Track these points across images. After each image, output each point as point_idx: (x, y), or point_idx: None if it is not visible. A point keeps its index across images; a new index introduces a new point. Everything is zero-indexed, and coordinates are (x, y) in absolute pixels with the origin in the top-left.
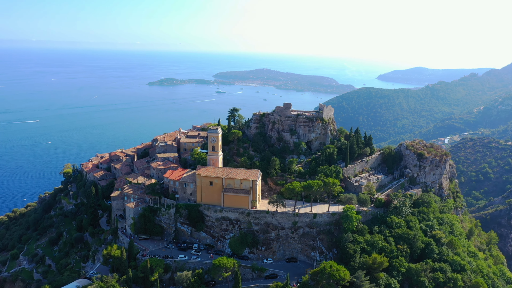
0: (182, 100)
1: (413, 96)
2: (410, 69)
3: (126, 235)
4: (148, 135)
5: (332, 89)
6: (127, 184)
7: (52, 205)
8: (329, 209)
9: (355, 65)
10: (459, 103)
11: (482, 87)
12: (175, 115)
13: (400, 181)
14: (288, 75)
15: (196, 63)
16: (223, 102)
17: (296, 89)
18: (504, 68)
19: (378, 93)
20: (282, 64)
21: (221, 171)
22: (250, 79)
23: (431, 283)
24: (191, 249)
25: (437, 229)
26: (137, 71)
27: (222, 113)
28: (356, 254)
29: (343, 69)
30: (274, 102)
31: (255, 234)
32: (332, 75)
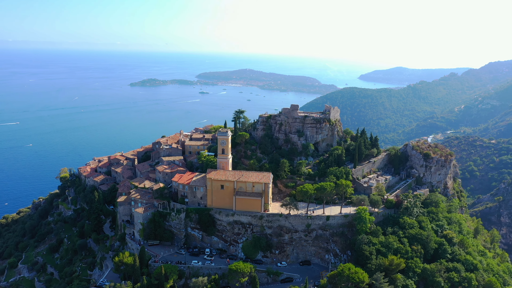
0: (165, 101)
1: (396, 96)
2: (391, 69)
3: (134, 241)
4: (136, 137)
5: (315, 89)
6: (133, 189)
7: (49, 211)
8: (341, 211)
9: (336, 65)
10: (440, 102)
11: (462, 87)
12: (158, 116)
13: (407, 181)
14: (271, 75)
15: (178, 63)
16: (207, 102)
17: (280, 89)
18: (482, 68)
19: (362, 93)
20: (265, 65)
21: (232, 174)
22: (233, 79)
23: (446, 283)
24: (203, 254)
25: (447, 229)
26: (118, 71)
27: (207, 114)
28: (372, 256)
29: (325, 69)
30: (258, 103)
31: (268, 237)
32: (315, 75)
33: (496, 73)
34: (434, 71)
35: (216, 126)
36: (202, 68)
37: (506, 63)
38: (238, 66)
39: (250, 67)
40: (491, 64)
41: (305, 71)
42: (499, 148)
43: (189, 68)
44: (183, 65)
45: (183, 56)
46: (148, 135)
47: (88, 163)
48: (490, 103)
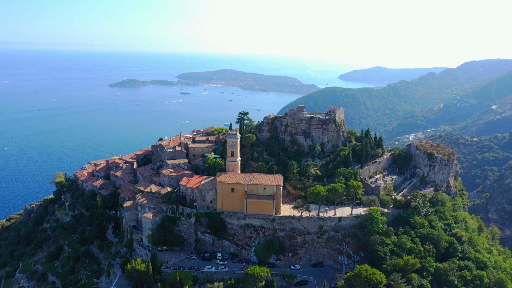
0: (145, 101)
1: (376, 95)
2: (370, 68)
3: (143, 247)
4: (121, 139)
5: (296, 88)
6: (139, 193)
7: (44, 217)
8: (352, 212)
9: (316, 65)
10: (419, 101)
11: (440, 86)
12: (139, 117)
13: (412, 181)
14: (252, 75)
15: (158, 63)
16: (189, 103)
17: (261, 89)
18: (459, 67)
19: (343, 93)
20: (245, 65)
21: (242, 177)
22: (214, 79)
23: (460, 282)
24: (215, 258)
25: (455, 228)
26: (97, 72)
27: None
28: (387, 257)
29: (305, 69)
30: (240, 103)
31: (280, 240)
32: (295, 75)
33: (472, 72)
34: (412, 71)
35: (218, 128)
36: (182, 69)
37: (481, 63)
38: (218, 66)
39: (230, 67)
40: (467, 63)
41: (286, 71)
42: (481, 145)
43: (169, 68)
44: (163, 66)
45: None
46: (133, 137)
47: (84, 167)
48: (468, 101)
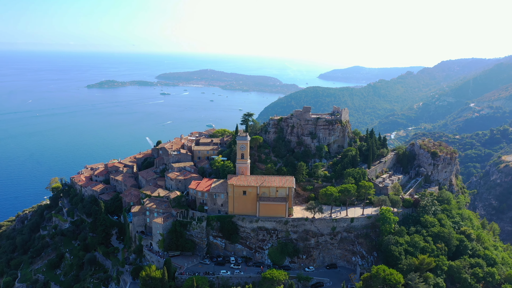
0: (125, 102)
1: (357, 94)
2: (349, 68)
3: (154, 253)
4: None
5: (277, 88)
6: (146, 198)
7: (40, 224)
8: (363, 212)
9: (296, 65)
10: (398, 100)
11: (418, 84)
12: (120, 119)
13: (417, 180)
14: (233, 75)
15: (137, 64)
16: (170, 104)
17: (242, 89)
18: (436, 66)
19: (325, 92)
20: (225, 65)
21: (254, 180)
22: (194, 80)
23: (472, 279)
24: (228, 263)
25: (463, 225)
26: (74, 73)
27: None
28: (402, 256)
29: (285, 69)
30: (221, 103)
31: (293, 242)
32: (275, 74)
33: (449, 71)
34: (390, 70)
35: (220, 129)
36: (162, 69)
37: (457, 62)
38: (198, 66)
39: (211, 67)
40: (444, 62)
41: (266, 71)
42: (464, 143)
43: (148, 68)
44: (142, 66)
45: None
46: (115, 139)
47: (81, 172)
48: (446, 100)
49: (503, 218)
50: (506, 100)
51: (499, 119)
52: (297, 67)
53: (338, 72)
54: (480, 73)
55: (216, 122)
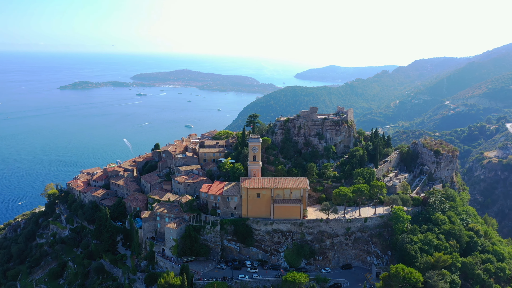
0: (100, 104)
1: (335, 93)
2: (325, 67)
3: (167, 259)
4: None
5: (254, 88)
6: (156, 203)
7: (36, 232)
8: (376, 211)
9: (272, 65)
10: (375, 98)
11: (393, 83)
12: (95, 121)
13: (422, 178)
14: (210, 75)
15: (111, 64)
16: (147, 105)
17: (219, 89)
18: (409, 65)
19: (303, 91)
20: (202, 65)
21: (268, 182)
22: (170, 80)
23: (485, 275)
24: (244, 267)
25: (471, 222)
26: (45, 74)
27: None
28: (417, 254)
29: (261, 69)
30: (199, 103)
31: (308, 244)
32: (252, 74)
33: (422, 70)
34: (365, 69)
35: (222, 131)
36: (137, 69)
37: (430, 61)
38: (174, 66)
39: (187, 67)
40: (417, 61)
41: (243, 71)
42: (443, 140)
43: (123, 69)
44: (116, 66)
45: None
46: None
47: (77, 177)
48: (422, 98)
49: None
50: (480, 97)
51: (473, 116)
52: (273, 67)
53: (315, 72)
54: (453, 71)
55: (195, 123)
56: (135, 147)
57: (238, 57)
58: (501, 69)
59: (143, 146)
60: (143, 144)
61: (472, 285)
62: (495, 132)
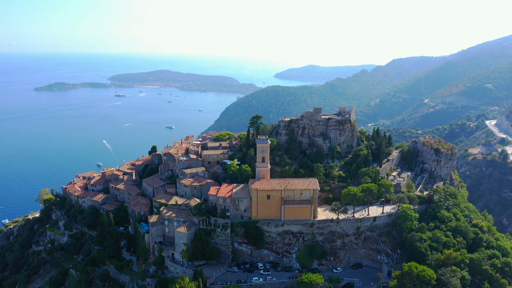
0: (78, 105)
1: (316, 93)
2: (304, 67)
3: (178, 264)
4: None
5: (235, 88)
6: (163, 207)
7: (31, 239)
8: (383, 210)
9: (251, 65)
10: (355, 97)
11: (373, 82)
12: (73, 123)
13: (423, 176)
14: (189, 75)
15: (87, 65)
16: (126, 106)
17: (199, 89)
18: (388, 64)
19: (284, 91)
20: (181, 65)
21: (278, 183)
22: (150, 81)
23: (493, 270)
24: (256, 269)
25: (474, 218)
26: (18, 75)
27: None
28: (428, 252)
29: (241, 69)
30: (180, 104)
31: (319, 244)
32: (232, 74)
33: (400, 69)
34: (343, 68)
35: (223, 132)
36: (115, 70)
37: (407, 60)
38: (153, 67)
39: (166, 67)
40: (395, 61)
41: (222, 71)
42: None
43: (100, 70)
44: (93, 67)
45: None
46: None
47: (73, 181)
48: (401, 96)
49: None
50: (458, 96)
51: (452, 114)
52: (253, 67)
53: (294, 71)
54: (431, 70)
55: (176, 124)
56: (116, 149)
57: (218, 57)
58: (476, 68)
59: (124, 148)
60: (124, 146)
61: (480, 280)
62: (475, 129)
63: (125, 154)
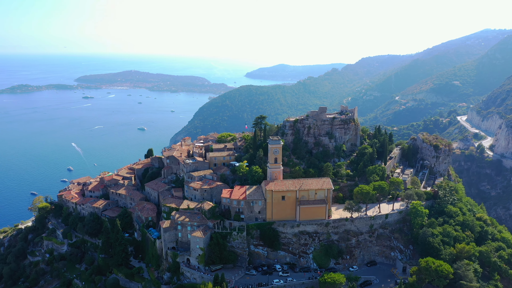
0: (44, 108)
1: (289, 92)
2: (274, 66)
3: (194, 269)
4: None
5: (206, 88)
6: (175, 211)
7: (26, 250)
8: (393, 207)
9: (222, 64)
10: (327, 95)
11: (343, 80)
12: (40, 126)
13: (424, 172)
14: (159, 76)
15: (52, 66)
16: (95, 108)
17: (170, 90)
18: (357, 63)
19: (258, 90)
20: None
21: (292, 184)
22: (118, 82)
23: (501, 262)
24: (275, 271)
25: (477, 212)
26: None
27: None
28: (441, 247)
29: (211, 69)
30: (151, 105)
31: (335, 243)
32: (203, 74)
33: (369, 67)
34: (313, 67)
35: (225, 134)
36: (81, 71)
37: (376, 58)
38: (122, 67)
39: (135, 68)
40: (364, 59)
41: (193, 71)
42: (402, 134)
43: (66, 71)
44: (58, 68)
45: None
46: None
47: (68, 188)
48: (372, 94)
49: None
50: (427, 93)
51: (423, 111)
52: (223, 67)
53: (265, 70)
54: (400, 68)
55: (148, 125)
56: (87, 152)
57: (187, 57)
58: (443, 66)
59: (95, 151)
60: (95, 149)
61: (490, 272)
62: (448, 125)
63: (96, 157)
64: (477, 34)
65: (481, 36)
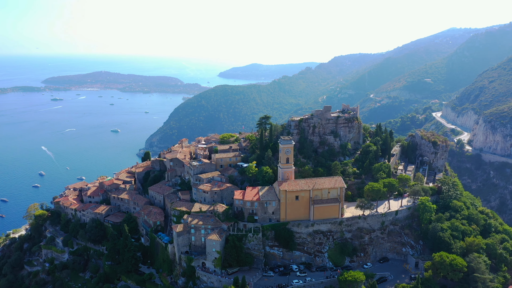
0: (10, 111)
1: (264, 91)
2: (247, 65)
3: (211, 272)
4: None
5: (179, 88)
6: (187, 215)
7: (23, 260)
8: (401, 203)
9: (194, 64)
10: (302, 94)
11: (317, 79)
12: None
13: (424, 168)
14: (131, 76)
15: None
16: (66, 110)
17: (142, 90)
18: (330, 61)
19: (233, 90)
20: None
21: (305, 183)
22: (88, 83)
23: (506, 254)
24: (292, 271)
25: (479, 206)
26: None
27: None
28: (451, 241)
29: (183, 69)
30: (123, 106)
31: (348, 241)
32: (175, 74)
33: (342, 66)
34: (286, 66)
35: (226, 134)
36: (49, 72)
37: (348, 57)
38: (91, 68)
39: (105, 69)
40: (336, 58)
41: (165, 71)
42: None
43: (32, 72)
44: (24, 70)
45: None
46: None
47: (64, 193)
48: (347, 92)
49: None
50: (401, 90)
51: (398, 108)
52: (195, 66)
53: (238, 70)
54: (372, 66)
55: (122, 127)
56: (58, 156)
57: (158, 57)
58: (414, 64)
59: (68, 154)
60: (67, 152)
61: (496, 264)
62: (424, 121)
63: (69, 161)
64: (445, 33)
65: (448, 34)
